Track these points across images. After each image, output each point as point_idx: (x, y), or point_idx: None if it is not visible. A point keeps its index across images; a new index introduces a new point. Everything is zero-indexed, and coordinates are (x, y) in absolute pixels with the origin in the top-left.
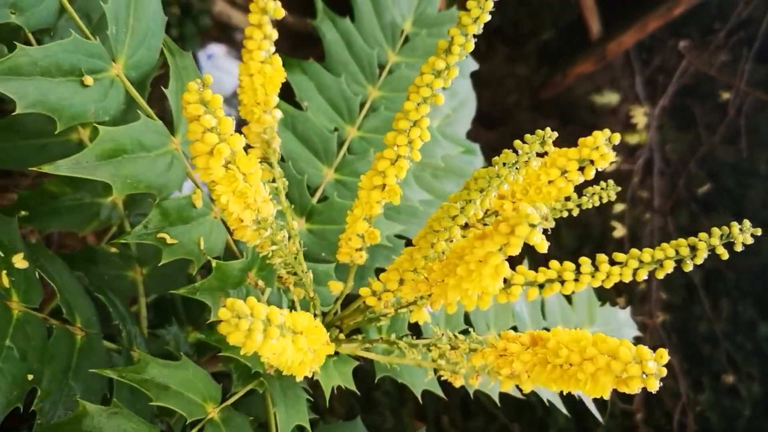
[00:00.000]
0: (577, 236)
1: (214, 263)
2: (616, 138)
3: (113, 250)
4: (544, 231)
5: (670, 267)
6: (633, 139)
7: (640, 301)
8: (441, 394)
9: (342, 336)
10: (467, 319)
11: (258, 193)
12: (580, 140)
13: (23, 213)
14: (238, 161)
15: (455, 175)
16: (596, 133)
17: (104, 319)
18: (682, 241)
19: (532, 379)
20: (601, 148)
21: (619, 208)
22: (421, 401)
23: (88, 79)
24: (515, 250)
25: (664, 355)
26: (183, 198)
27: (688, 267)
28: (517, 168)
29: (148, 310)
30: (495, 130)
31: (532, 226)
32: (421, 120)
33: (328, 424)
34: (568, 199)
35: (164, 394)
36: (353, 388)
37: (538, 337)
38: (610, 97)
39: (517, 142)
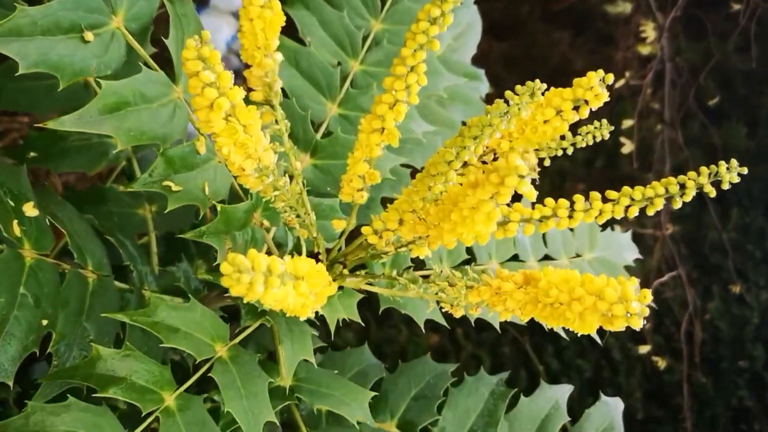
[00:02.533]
0: (590, 149)
1: (219, 207)
2: (610, 78)
3: (122, 188)
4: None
5: (660, 204)
6: (645, 50)
7: (647, 215)
8: (444, 323)
9: (346, 271)
10: (469, 250)
11: (258, 142)
12: (575, 80)
13: (33, 154)
14: (237, 113)
15: (461, 102)
16: (590, 73)
17: (115, 260)
18: (671, 179)
19: (525, 314)
20: (595, 88)
21: (628, 123)
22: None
23: (89, 35)
24: (505, 199)
25: (647, 295)
26: (186, 145)
27: (677, 204)
28: (508, 117)
29: (158, 247)
30: (507, 41)
31: (521, 177)
32: (417, 65)
33: (335, 352)
34: (563, 137)
35: (174, 336)
36: (358, 319)
37: (531, 277)
38: (624, 6)
39: (509, 93)
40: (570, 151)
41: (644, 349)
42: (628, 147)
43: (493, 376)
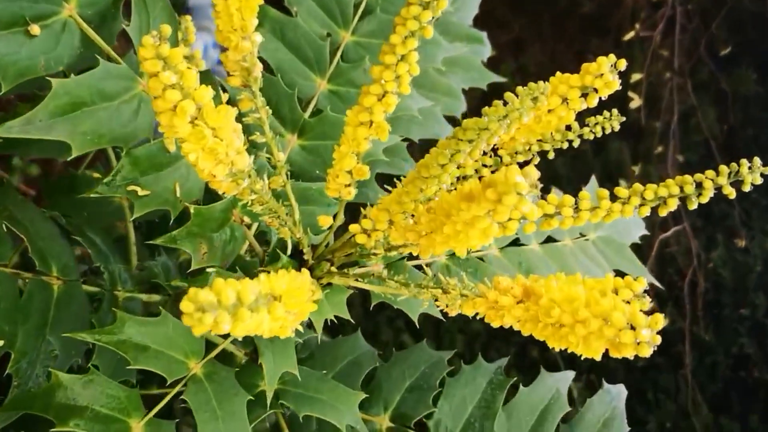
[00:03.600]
0: (597, 105)
1: (192, 209)
2: (622, 64)
3: (96, 175)
4: None
5: (674, 204)
6: None
7: (656, 165)
8: (440, 316)
9: (334, 269)
10: None
11: (231, 146)
12: (583, 66)
13: None
14: (206, 116)
15: (461, 68)
16: (601, 59)
17: (87, 260)
18: (687, 177)
19: (525, 331)
20: (605, 75)
21: (637, 77)
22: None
23: (35, 28)
24: (503, 218)
25: (660, 320)
26: (153, 144)
27: (693, 205)
28: (508, 122)
29: (136, 237)
30: None
31: (520, 194)
32: (408, 54)
33: (326, 342)
34: (569, 128)
35: (143, 356)
36: (347, 317)
37: (531, 291)
38: None
39: (509, 95)
40: (576, 144)
41: None
42: (636, 102)
43: (492, 363)
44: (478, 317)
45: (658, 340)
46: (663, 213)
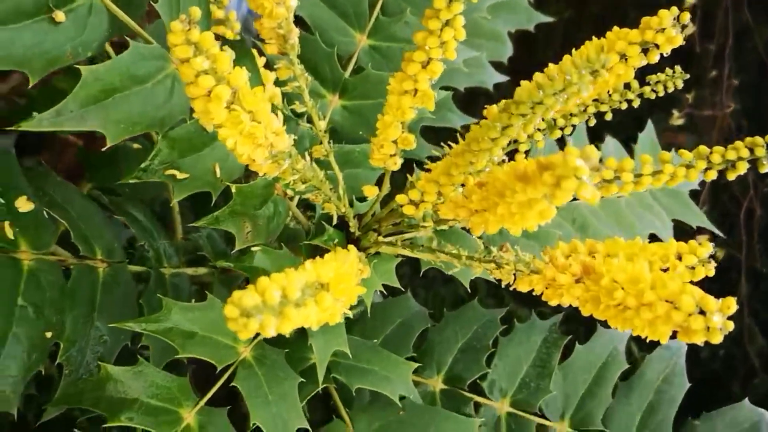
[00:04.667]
0: None
1: (233, 188)
2: (686, 17)
3: (136, 146)
4: None
5: (743, 168)
6: None
7: (710, 89)
8: (493, 280)
9: (381, 238)
10: None
11: (269, 127)
12: (643, 20)
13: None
14: (242, 100)
15: (506, 11)
16: (662, 12)
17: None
18: (758, 139)
19: (585, 311)
20: (668, 30)
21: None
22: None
23: (59, 15)
24: (562, 201)
25: (732, 304)
26: (190, 124)
27: (765, 168)
28: (565, 96)
29: (181, 207)
30: None
31: (580, 179)
32: (454, 19)
33: (376, 304)
34: (627, 86)
35: (190, 343)
36: (397, 285)
37: (591, 268)
38: None
39: (568, 64)
40: (636, 104)
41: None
42: (690, 28)
43: (546, 320)
44: (534, 293)
45: (731, 326)
46: (731, 177)
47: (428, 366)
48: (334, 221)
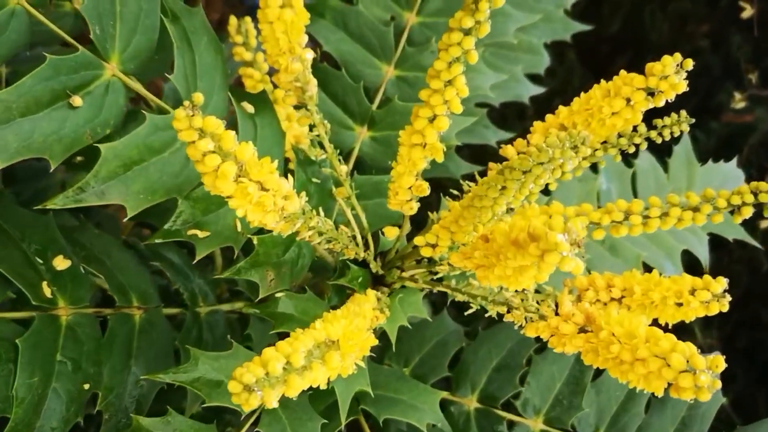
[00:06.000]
0: None
1: (255, 240)
2: (689, 64)
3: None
4: None
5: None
6: None
7: None
8: None
9: (405, 274)
10: None
11: (279, 193)
12: (648, 66)
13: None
14: (249, 172)
15: (542, 21)
16: (665, 58)
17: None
18: None
19: (586, 361)
20: (671, 78)
21: None
22: None
23: (77, 100)
24: (548, 273)
25: (720, 363)
26: None
27: None
28: (552, 170)
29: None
30: None
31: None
32: (455, 79)
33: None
34: (635, 130)
35: (216, 392)
36: (424, 315)
37: (593, 318)
38: None
39: (552, 139)
40: (644, 147)
41: None
42: (747, 11)
43: None
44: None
45: (719, 384)
46: (737, 221)
47: (463, 385)
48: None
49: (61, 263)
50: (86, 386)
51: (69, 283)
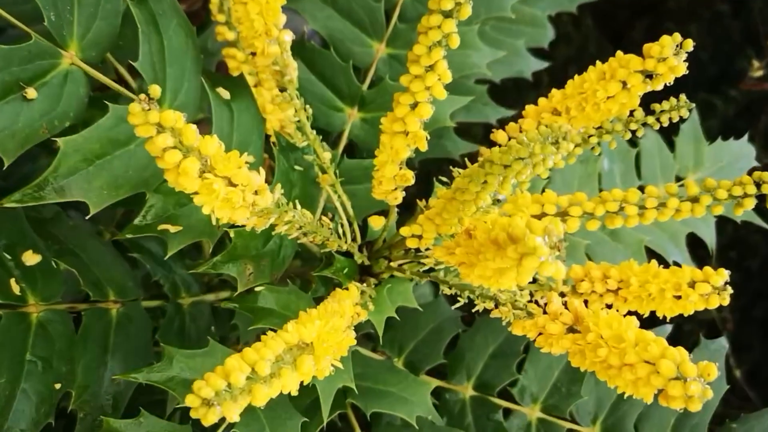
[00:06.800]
0: None
1: (232, 233)
2: (689, 44)
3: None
4: None
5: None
6: None
7: None
8: None
9: (393, 265)
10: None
11: (249, 189)
12: (645, 47)
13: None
14: (215, 166)
15: None
16: (664, 38)
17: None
18: None
19: (574, 362)
20: (669, 60)
21: None
22: None
23: (31, 92)
24: (528, 278)
25: (713, 370)
26: None
27: None
28: (533, 165)
29: None
30: None
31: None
32: (436, 64)
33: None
34: (632, 113)
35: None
36: (414, 305)
37: (581, 318)
38: None
39: (532, 134)
40: (640, 133)
41: None
42: None
43: None
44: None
45: (710, 394)
46: (738, 213)
47: (458, 372)
48: (345, 248)
49: (30, 258)
50: (57, 386)
51: (39, 279)
